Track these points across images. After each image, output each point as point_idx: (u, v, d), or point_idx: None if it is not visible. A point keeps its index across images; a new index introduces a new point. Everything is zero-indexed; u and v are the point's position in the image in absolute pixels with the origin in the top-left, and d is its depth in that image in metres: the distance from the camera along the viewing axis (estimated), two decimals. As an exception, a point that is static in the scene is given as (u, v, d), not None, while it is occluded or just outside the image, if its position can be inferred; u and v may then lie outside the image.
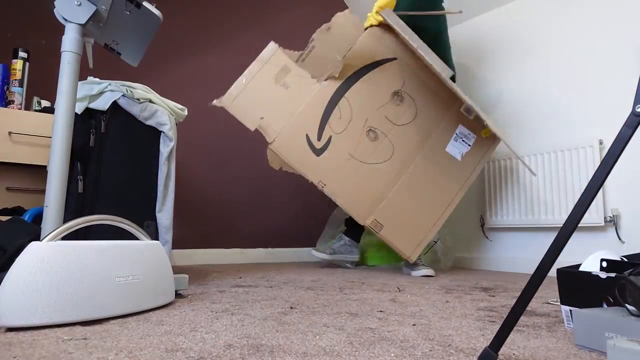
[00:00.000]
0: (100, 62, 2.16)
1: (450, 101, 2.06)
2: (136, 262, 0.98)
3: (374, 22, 1.98)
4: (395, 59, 2.05)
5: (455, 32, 2.84)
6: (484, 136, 2.05)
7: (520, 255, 2.32)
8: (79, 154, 1.26)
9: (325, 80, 1.95)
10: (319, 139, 1.94)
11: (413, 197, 2.00)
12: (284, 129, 1.91)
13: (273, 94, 1.92)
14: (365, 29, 2.01)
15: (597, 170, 0.59)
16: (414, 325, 0.90)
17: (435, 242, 2.41)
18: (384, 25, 2.00)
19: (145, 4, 1.10)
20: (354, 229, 2.36)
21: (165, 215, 1.41)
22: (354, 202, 1.97)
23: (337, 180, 1.95)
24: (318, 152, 1.94)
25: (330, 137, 1.95)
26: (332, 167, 1.95)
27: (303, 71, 1.95)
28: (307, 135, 1.94)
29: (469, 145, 2.04)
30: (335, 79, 1.96)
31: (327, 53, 1.98)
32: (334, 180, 1.95)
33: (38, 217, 1.39)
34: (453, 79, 2.09)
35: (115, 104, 1.31)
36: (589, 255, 0.96)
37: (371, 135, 1.98)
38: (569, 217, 0.59)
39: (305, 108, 1.93)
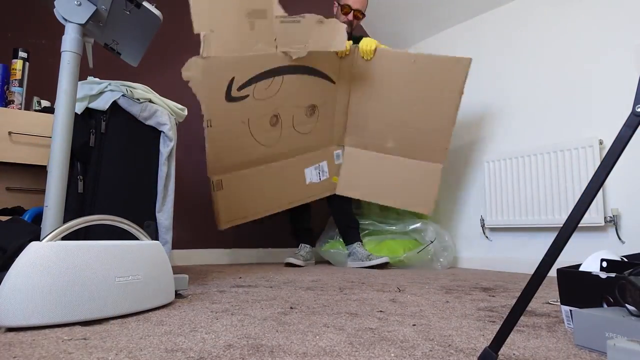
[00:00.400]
0: (100, 62, 2.15)
1: (334, 140, 2.40)
2: (136, 262, 0.98)
3: (341, 54, 2.20)
4: (334, 83, 2.26)
5: (456, 31, 2.84)
6: (332, 180, 2.40)
7: (520, 255, 2.32)
8: (79, 154, 1.25)
9: (283, 52, 2.05)
10: (239, 90, 2.02)
11: (259, 185, 2.22)
12: (220, 56, 1.93)
13: (236, 22, 1.92)
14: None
15: (597, 170, 0.59)
16: (414, 325, 0.90)
17: (432, 242, 2.41)
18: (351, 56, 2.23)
19: (145, 3, 1.10)
20: (305, 236, 2.60)
21: (165, 215, 1.41)
22: (217, 156, 2.09)
23: (221, 131, 2.06)
24: (229, 98, 2.02)
25: (247, 96, 2.05)
26: (226, 118, 2.04)
27: (273, 30, 1.99)
28: (233, 78, 1.98)
29: (319, 179, 2.36)
30: (289, 59, 2.08)
31: (301, 36, 2.03)
32: (219, 129, 2.05)
33: (38, 217, 1.39)
34: None
35: (115, 104, 1.31)
36: (589, 255, 0.96)
37: (273, 120, 2.16)
38: (569, 217, 0.59)
39: (249, 57, 1.99)
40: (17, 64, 1.71)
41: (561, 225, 0.60)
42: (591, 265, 0.93)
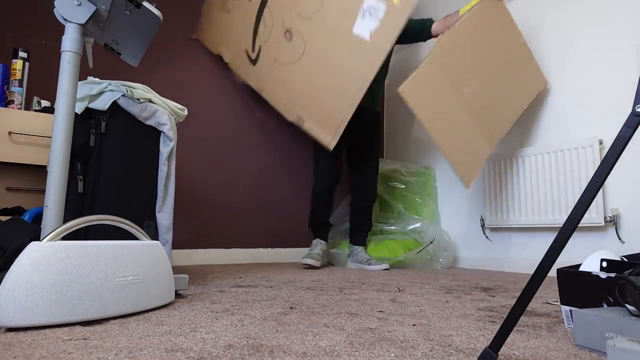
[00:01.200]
0: (100, 62, 2.16)
1: None
2: (136, 262, 0.98)
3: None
4: None
5: (455, 32, 2.83)
6: (394, 3, 1.84)
7: (520, 255, 2.32)
8: (79, 154, 1.25)
9: None
10: (253, 50, 2.30)
11: (324, 87, 2.01)
12: (232, 50, 2.39)
13: (222, 22, 2.36)
14: None
15: (597, 170, 0.59)
16: (414, 325, 0.90)
17: (432, 242, 2.41)
18: None
19: (145, 3, 1.10)
20: (321, 230, 2.45)
21: (165, 215, 1.40)
22: (280, 101, 2.22)
23: (269, 83, 2.25)
24: (254, 61, 2.30)
25: (260, 47, 2.26)
26: (264, 73, 2.26)
27: None
28: (245, 50, 2.33)
29: (379, 19, 1.82)
30: None
31: None
32: (267, 84, 2.26)
33: (38, 217, 1.39)
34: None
35: (115, 104, 1.31)
36: (589, 255, 0.96)
37: (287, 35, 2.17)
38: (569, 217, 0.59)
39: (241, 28, 2.32)
40: (17, 64, 1.71)
41: (561, 225, 0.60)
42: (591, 265, 0.93)
